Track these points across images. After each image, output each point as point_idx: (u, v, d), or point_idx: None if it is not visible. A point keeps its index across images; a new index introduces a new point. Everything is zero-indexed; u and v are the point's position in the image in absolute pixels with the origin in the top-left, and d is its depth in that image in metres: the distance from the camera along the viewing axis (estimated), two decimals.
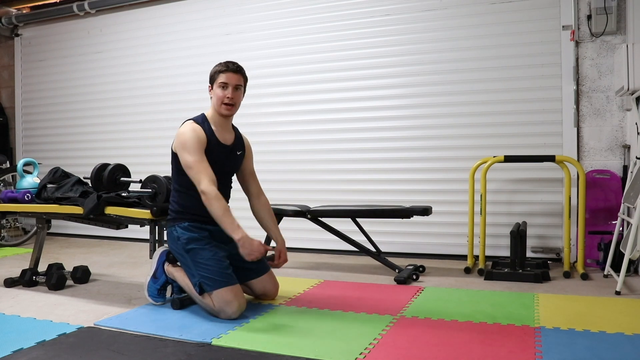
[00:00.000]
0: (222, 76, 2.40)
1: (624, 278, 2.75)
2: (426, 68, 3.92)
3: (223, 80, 2.40)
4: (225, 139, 2.50)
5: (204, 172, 2.31)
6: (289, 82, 4.32)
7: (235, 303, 2.24)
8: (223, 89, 2.41)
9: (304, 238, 4.13)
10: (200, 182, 2.29)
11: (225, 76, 2.41)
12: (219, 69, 2.43)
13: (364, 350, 1.86)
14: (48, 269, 3.02)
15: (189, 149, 2.34)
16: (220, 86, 2.41)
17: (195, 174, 2.32)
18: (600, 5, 3.43)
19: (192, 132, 2.37)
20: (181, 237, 2.37)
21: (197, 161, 2.32)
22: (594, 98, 3.55)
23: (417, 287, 2.88)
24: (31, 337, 2.01)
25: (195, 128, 2.39)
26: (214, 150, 2.43)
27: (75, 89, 5.22)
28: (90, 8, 5.02)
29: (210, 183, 2.29)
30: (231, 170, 2.58)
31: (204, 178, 2.29)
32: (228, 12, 4.57)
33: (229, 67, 2.42)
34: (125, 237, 4.64)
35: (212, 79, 2.45)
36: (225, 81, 2.40)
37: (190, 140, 2.35)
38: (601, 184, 3.45)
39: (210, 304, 2.28)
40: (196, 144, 2.35)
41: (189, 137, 2.36)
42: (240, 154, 2.58)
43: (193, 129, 2.38)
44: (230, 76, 2.41)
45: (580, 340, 1.95)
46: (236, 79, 2.42)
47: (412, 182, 3.96)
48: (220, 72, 2.41)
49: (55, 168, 3.04)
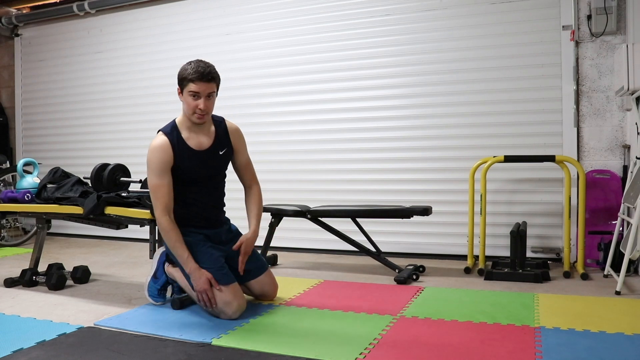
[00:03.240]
0: (193, 85, 2.22)
1: (624, 278, 2.75)
2: (426, 68, 3.92)
3: (194, 90, 2.23)
4: (201, 143, 2.38)
5: (161, 198, 2.27)
6: (289, 82, 4.32)
7: (235, 303, 2.24)
8: (194, 98, 2.25)
9: (304, 238, 4.13)
10: (155, 209, 2.28)
11: (196, 86, 2.22)
12: (189, 76, 2.22)
13: (364, 350, 1.86)
14: (48, 269, 3.02)
15: (152, 170, 2.29)
16: (191, 95, 2.24)
17: (153, 199, 2.30)
18: (600, 5, 3.43)
19: (156, 151, 2.29)
20: None
21: (157, 185, 2.28)
22: (594, 98, 3.55)
23: (417, 287, 2.88)
24: (31, 337, 2.01)
25: (162, 145, 2.29)
26: (185, 159, 2.34)
27: (75, 89, 5.22)
28: (90, 8, 5.02)
29: (164, 212, 2.27)
30: (216, 172, 2.48)
31: (158, 205, 2.27)
32: (228, 12, 4.57)
33: (202, 77, 2.22)
34: (125, 237, 4.64)
35: (181, 82, 2.27)
36: (197, 91, 2.23)
37: (152, 162, 2.29)
38: (601, 184, 3.45)
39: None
40: (158, 165, 2.28)
41: (151, 157, 2.29)
42: (224, 153, 2.45)
43: (158, 148, 2.29)
44: (201, 86, 2.23)
45: (580, 340, 1.95)
46: (208, 87, 2.25)
47: (412, 182, 3.96)
48: (190, 81, 2.22)
49: (55, 168, 3.04)
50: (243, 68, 4.49)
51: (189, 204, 2.41)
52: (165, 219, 2.27)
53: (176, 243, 2.27)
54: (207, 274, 2.25)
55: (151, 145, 2.32)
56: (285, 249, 4.12)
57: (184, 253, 2.26)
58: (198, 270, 2.24)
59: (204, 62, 2.27)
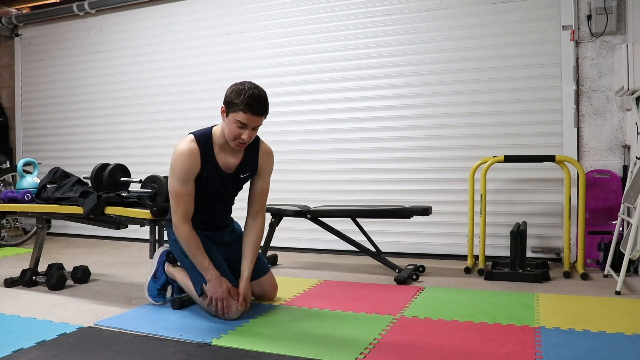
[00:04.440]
0: (242, 115, 2.10)
1: (624, 278, 2.75)
2: (426, 68, 3.93)
3: (242, 120, 2.10)
4: (228, 164, 2.30)
5: (182, 206, 2.21)
6: (289, 82, 4.32)
7: (234, 305, 2.24)
8: (239, 128, 2.13)
9: (304, 238, 4.13)
10: (174, 215, 2.22)
11: (245, 117, 2.10)
12: (241, 106, 2.08)
13: (364, 350, 1.86)
14: (48, 269, 3.02)
15: (176, 176, 2.20)
16: (237, 124, 2.12)
17: (173, 205, 2.23)
18: (600, 5, 3.43)
19: (184, 157, 2.18)
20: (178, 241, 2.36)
21: (179, 193, 2.20)
22: (594, 98, 3.55)
23: (417, 287, 2.88)
24: (31, 337, 2.01)
25: (192, 153, 2.19)
26: (209, 175, 2.27)
27: (75, 89, 5.22)
28: (90, 8, 5.02)
29: (184, 220, 2.22)
30: (233, 192, 2.43)
31: (179, 213, 2.21)
32: (228, 12, 4.57)
33: (254, 111, 2.09)
34: (125, 237, 4.64)
35: (229, 107, 2.12)
36: (245, 122, 2.11)
37: (178, 168, 2.19)
38: (601, 184, 3.45)
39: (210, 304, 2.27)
40: (184, 172, 2.19)
41: (178, 163, 2.19)
42: (245, 177, 2.38)
43: (187, 154, 2.18)
44: (251, 119, 2.11)
45: (580, 340, 1.95)
46: (257, 121, 2.14)
47: (412, 182, 3.96)
48: (242, 112, 2.09)
49: (55, 168, 3.04)
50: (243, 68, 4.48)
51: (197, 209, 2.32)
52: (185, 227, 2.22)
53: (196, 251, 2.23)
54: (226, 282, 2.24)
55: (179, 149, 2.20)
56: (285, 249, 4.12)
57: (204, 261, 2.23)
58: (219, 278, 2.23)
59: (258, 92, 2.12)
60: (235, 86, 2.15)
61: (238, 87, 2.13)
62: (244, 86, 2.11)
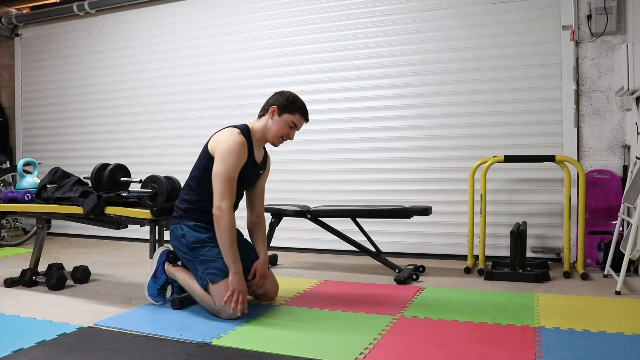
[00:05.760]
0: (298, 118, 2.43)
1: (624, 278, 2.75)
2: (426, 68, 3.93)
3: (295, 122, 2.43)
4: (258, 157, 2.50)
5: (232, 191, 2.29)
6: (289, 82, 4.31)
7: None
8: (290, 128, 2.43)
9: (304, 238, 4.13)
10: (222, 200, 2.26)
11: (300, 121, 2.45)
12: (298, 110, 2.42)
13: (364, 350, 1.86)
14: (48, 269, 3.02)
15: (228, 164, 2.29)
16: (290, 124, 2.42)
17: (221, 189, 2.27)
18: (600, 5, 3.43)
19: (239, 147, 2.32)
20: (187, 235, 2.36)
21: (232, 178, 2.30)
22: (594, 98, 3.55)
23: (417, 287, 2.88)
24: (31, 337, 2.01)
25: (244, 145, 2.35)
26: (247, 167, 2.41)
27: (75, 89, 5.22)
28: (90, 8, 5.02)
29: (231, 207, 2.29)
30: (250, 185, 2.57)
31: (229, 197, 2.27)
32: (228, 12, 4.57)
33: (306, 115, 2.47)
34: (125, 237, 4.64)
35: (286, 107, 2.41)
36: (298, 125, 2.45)
37: (233, 155, 2.30)
38: (601, 184, 3.45)
39: (212, 302, 2.28)
40: (237, 160, 2.32)
41: (234, 149, 2.30)
42: (260, 172, 2.57)
43: (241, 145, 2.33)
44: (302, 123, 2.48)
45: (580, 340, 1.95)
46: (302, 125, 2.50)
47: (412, 182, 3.96)
48: (299, 115, 2.43)
49: (55, 168, 3.04)
50: (243, 68, 4.49)
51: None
52: (232, 213, 2.29)
53: (233, 242, 2.27)
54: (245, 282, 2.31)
55: (233, 138, 2.32)
56: (285, 249, 4.12)
57: (236, 254, 2.27)
58: (242, 274, 2.28)
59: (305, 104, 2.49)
60: (286, 93, 2.46)
61: (291, 94, 2.46)
62: (295, 95, 2.46)
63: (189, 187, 2.45)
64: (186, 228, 2.38)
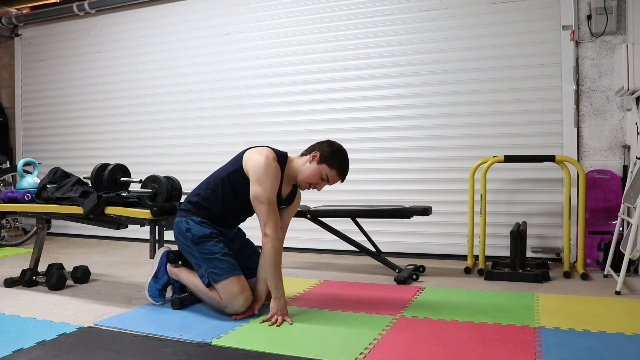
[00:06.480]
0: (334, 176, 2.37)
1: (624, 278, 2.75)
2: (426, 68, 3.93)
3: (330, 177, 2.37)
4: (284, 191, 2.44)
5: (274, 217, 2.26)
6: (289, 82, 4.32)
7: (242, 297, 2.26)
8: (322, 180, 2.38)
9: (304, 238, 4.13)
10: (266, 226, 2.25)
11: (335, 178, 2.38)
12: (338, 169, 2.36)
13: (364, 350, 1.86)
14: (48, 269, 3.02)
15: (269, 184, 2.26)
16: (323, 176, 2.36)
17: (264, 213, 2.25)
18: (600, 5, 3.43)
19: (276, 172, 2.30)
20: (192, 230, 2.35)
21: (272, 202, 2.27)
22: (594, 98, 3.55)
23: (417, 287, 2.88)
24: (31, 337, 2.01)
25: (279, 172, 2.33)
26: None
27: (75, 89, 5.22)
28: (90, 8, 5.02)
29: (277, 231, 2.27)
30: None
31: (274, 221, 2.26)
32: (228, 12, 4.57)
33: (343, 176, 2.42)
34: (125, 237, 4.64)
35: (327, 160, 2.35)
36: (331, 180, 2.39)
37: (269, 179, 2.27)
38: (601, 184, 3.45)
39: (217, 297, 2.28)
40: (275, 184, 2.29)
41: (272, 175, 2.27)
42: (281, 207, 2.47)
43: (277, 171, 2.31)
44: (336, 181, 2.42)
45: (580, 340, 1.95)
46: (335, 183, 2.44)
47: (412, 182, 3.96)
48: (336, 172, 2.37)
49: (55, 168, 3.04)
50: (243, 68, 4.48)
51: (229, 214, 2.44)
52: (277, 238, 2.27)
53: (277, 267, 2.27)
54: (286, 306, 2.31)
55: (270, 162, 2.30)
56: (285, 249, 4.05)
57: (277, 278, 2.27)
58: (284, 298, 2.29)
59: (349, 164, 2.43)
60: (336, 145, 2.41)
61: (339, 148, 2.41)
62: (343, 152, 2.41)
63: (208, 184, 2.44)
64: (192, 222, 2.37)
